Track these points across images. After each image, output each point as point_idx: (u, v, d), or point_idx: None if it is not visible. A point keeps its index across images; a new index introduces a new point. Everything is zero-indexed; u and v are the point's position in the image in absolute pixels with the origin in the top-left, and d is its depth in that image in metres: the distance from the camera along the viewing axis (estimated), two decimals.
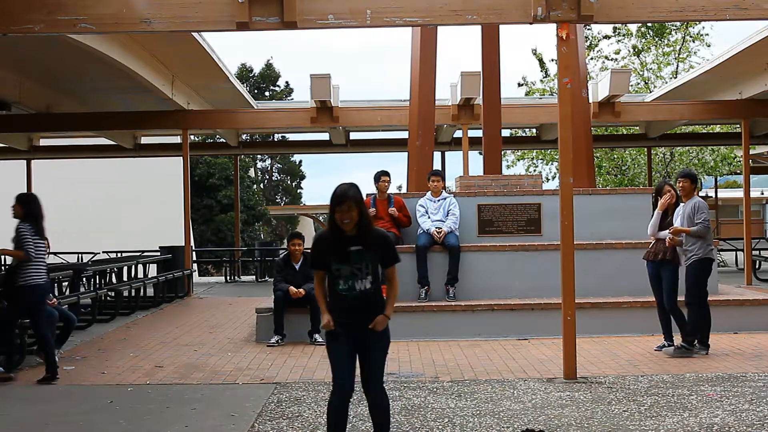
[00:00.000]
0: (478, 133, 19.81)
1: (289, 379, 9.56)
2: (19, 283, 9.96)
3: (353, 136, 27.22)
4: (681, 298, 10.96)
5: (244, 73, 53.38)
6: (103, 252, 26.17)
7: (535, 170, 34.92)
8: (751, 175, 24.04)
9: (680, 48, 34.03)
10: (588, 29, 33.26)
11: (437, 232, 12.96)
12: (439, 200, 13.29)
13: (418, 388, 8.96)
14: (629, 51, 34.34)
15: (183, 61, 18.69)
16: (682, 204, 10.82)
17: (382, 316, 6.01)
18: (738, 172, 34.24)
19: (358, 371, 6.04)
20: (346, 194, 5.87)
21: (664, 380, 9.15)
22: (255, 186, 51.15)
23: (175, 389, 9.19)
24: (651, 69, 34.17)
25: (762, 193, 53.37)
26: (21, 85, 18.78)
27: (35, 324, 10.03)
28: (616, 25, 33.79)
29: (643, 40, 34.15)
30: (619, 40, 34.63)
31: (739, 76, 20.55)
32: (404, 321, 12.03)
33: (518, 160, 35.62)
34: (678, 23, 32.24)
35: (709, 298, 12.62)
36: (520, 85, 35.68)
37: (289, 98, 52.51)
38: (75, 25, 9.88)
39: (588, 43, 34.02)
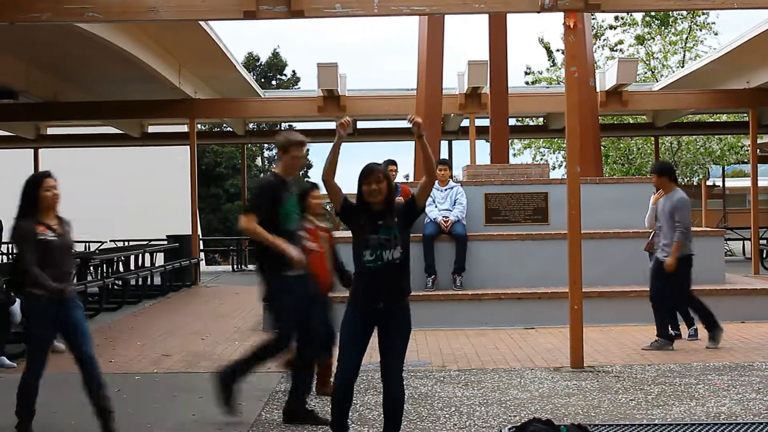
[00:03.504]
0: (485, 122, 19.78)
1: None
2: None
3: (360, 125, 27.19)
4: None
5: (251, 62, 53.32)
6: (111, 241, 26.22)
7: (541, 159, 34.85)
8: (758, 164, 23.97)
9: (687, 37, 33.92)
10: (593, 18, 33.18)
11: (444, 221, 12.95)
12: (446, 189, 13.27)
13: (425, 377, 8.97)
14: (634, 41, 34.24)
15: (190, 50, 18.68)
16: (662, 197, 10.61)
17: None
18: (745, 161, 34.16)
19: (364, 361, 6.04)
20: (376, 167, 6.00)
21: (671, 369, 9.15)
22: (262, 175, 51.17)
23: (183, 378, 9.21)
24: (657, 58, 34.08)
25: None
26: (28, 73, 18.79)
27: None
28: (619, 14, 33.70)
29: (647, 30, 34.04)
30: (624, 30, 34.52)
31: (747, 65, 20.48)
32: (411, 310, 12.02)
33: (525, 148, 35.55)
34: (684, 12, 32.13)
35: (716, 288, 12.70)
36: (526, 73, 35.62)
37: (296, 87, 52.46)
38: (82, 14, 9.89)
39: (594, 32, 33.93)
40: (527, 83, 34.30)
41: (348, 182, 6.32)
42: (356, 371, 5.98)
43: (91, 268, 16.96)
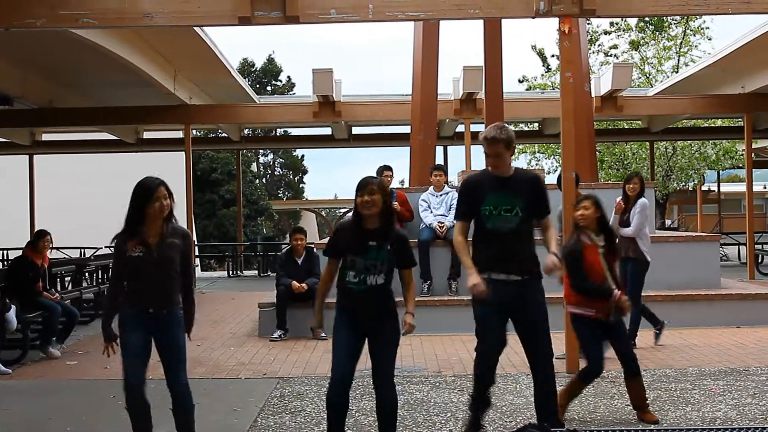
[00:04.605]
0: (481, 128, 19.79)
1: (291, 374, 9.57)
2: None
3: (355, 130, 27.21)
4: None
5: (246, 67, 53.37)
6: (106, 247, 26.01)
7: (537, 164, 34.90)
8: (753, 169, 24.02)
9: (681, 42, 34.00)
10: (588, 23, 33.24)
11: (440, 227, 12.95)
12: (441, 195, 13.28)
13: (420, 383, 8.97)
14: (628, 47, 34.33)
15: (185, 56, 18.69)
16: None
17: (409, 314, 6.01)
18: (740, 165, 34.24)
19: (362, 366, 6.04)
20: (370, 180, 5.93)
21: (666, 374, 9.16)
22: (257, 181, 51.13)
23: None
24: (652, 63, 34.15)
25: (765, 188, 53.29)
26: (24, 79, 18.78)
27: None
28: (614, 20, 33.81)
29: (642, 35, 34.12)
30: (619, 35, 34.59)
31: (742, 69, 20.53)
32: (400, 316, 12.02)
33: (520, 153, 35.57)
34: (678, 17, 32.20)
35: (711, 292, 12.71)
36: (520, 81, 35.66)
37: (291, 93, 52.50)
38: (77, 20, 9.90)
39: (589, 38, 33.98)
40: (527, 89, 34.34)
41: (344, 185, 6.33)
42: (350, 377, 5.96)
43: (87, 274, 16.95)
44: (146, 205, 6.11)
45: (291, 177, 60.23)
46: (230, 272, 27.60)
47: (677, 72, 30.63)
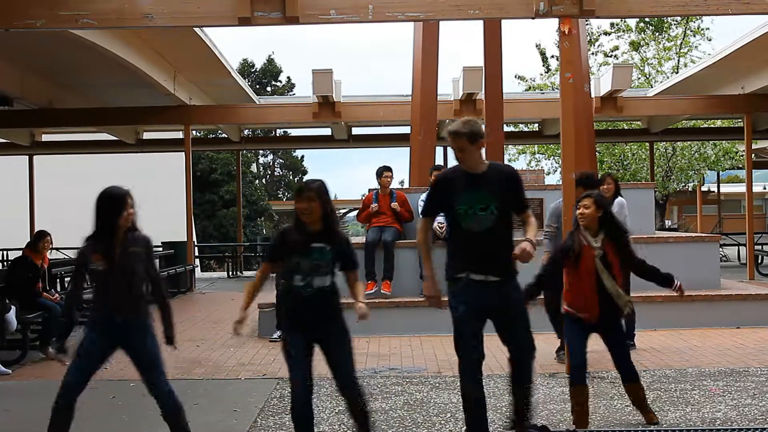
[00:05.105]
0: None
1: None
2: None
3: (355, 131, 27.19)
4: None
5: (246, 68, 53.38)
6: None
7: (536, 165, 34.91)
8: (753, 170, 24.00)
9: (681, 42, 34.02)
10: (587, 24, 33.26)
11: (439, 227, 12.93)
12: None
13: (420, 383, 8.97)
14: (628, 47, 34.36)
15: (185, 57, 18.68)
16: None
17: (360, 303, 5.88)
18: (740, 166, 34.24)
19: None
20: (307, 186, 5.83)
21: (666, 375, 9.16)
22: (257, 181, 51.13)
23: (178, 384, 9.09)
24: (651, 64, 34.16)
25: (765, 188, 53.27)
26: (23, 80, 18.78)
27: None
28: (614, 20, 33.82)
29: (642, 36, 34.14)
30: (619, 36, 34.62)
31: (742, 70, 20.52)
32: (407, 316, 12.05)
33: (520, 154, 35.60)
34: (678, 18, 32.22)
35: (711, 293, 12.72)
36: (517, 77, 35.61)
37: (290, 93, 52.50)
38: (77, 21, 9.90)
39: (588, 39, 34.01)
40: (526, 90, 34.36)
41: (344, 186, 6.27)
42: (309, 385, 5.85)
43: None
44: (115, 217, 6.05)
45: (291, 177, 60.20)
46: (230, 273, 27.60)
47: (677, 72, 30.64)
